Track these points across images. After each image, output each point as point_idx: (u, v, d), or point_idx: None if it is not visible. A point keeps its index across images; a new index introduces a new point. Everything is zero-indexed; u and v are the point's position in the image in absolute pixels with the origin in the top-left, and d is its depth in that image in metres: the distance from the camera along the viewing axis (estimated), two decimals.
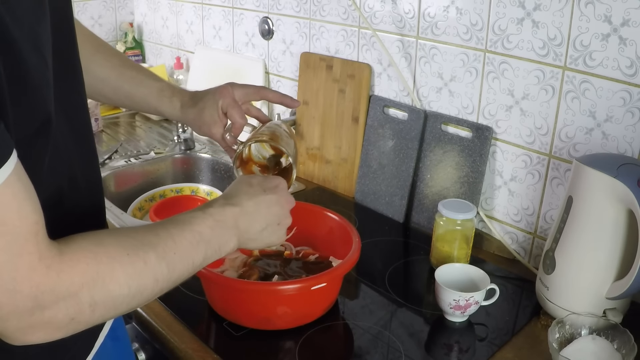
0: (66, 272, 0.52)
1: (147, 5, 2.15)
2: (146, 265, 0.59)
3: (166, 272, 0.61)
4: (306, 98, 1.54)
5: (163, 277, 0.61)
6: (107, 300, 0.55)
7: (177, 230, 0.64)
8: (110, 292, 0.55)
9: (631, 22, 0.95)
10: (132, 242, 0.59)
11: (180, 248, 0.63)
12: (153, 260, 0.59)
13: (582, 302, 0.93)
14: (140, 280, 0.58)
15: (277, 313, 0.93)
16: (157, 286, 0.61)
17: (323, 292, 0.95)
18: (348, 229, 1.04)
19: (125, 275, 0.57)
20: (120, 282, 0.56)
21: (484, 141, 1.19)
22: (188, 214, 0.68)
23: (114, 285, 0.55)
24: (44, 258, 0.50)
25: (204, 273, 0.90)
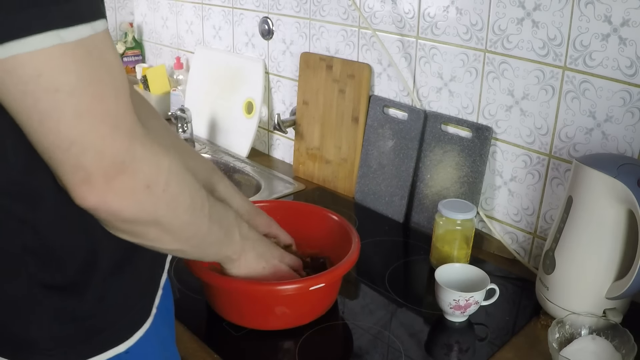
0: (152, 139, 0.57)
1: (147, 5, 2.15)
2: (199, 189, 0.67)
3: (207, 213, 0.68)
4: (306, 98, 1.54)
5: (205, 215, 0.68)
6: (176, 190, 0.60)
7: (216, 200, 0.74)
8: (180, 184, 0.60)
9: (631, 22, 0.95)
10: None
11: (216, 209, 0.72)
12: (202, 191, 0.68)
13: (582, 302, 0.93)
14: (195, 194, 0.65)
15: (275, 313, 0.93)
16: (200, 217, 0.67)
17: (322, 292, 0.95)
18: (347, 229, 1.04)
19: (189, 180, 0.63)
20: (186, 180, 0.62)
21: (484, 141, 1.19)
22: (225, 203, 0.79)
23: (182, 177, 0.61)
24: (133, 111, 0.55)
25: (203, 272, 0.90)
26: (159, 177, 0.57)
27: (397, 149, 1.34)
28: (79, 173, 0.52)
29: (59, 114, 0.49)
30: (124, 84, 0.54)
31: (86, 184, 0.53)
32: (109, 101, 0.52)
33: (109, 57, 0.52)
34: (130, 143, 0.54)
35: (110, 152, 0.52)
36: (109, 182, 0.53)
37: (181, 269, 1.09)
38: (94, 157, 0.52)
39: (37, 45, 0.47)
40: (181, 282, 1.07)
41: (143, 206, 0.57)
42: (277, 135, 1.72)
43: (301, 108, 1.56)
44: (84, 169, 0.52)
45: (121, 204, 0.55)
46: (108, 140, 0.52)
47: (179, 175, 0.61)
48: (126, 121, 0.54)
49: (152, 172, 0.56)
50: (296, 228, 1.06)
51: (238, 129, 1.73)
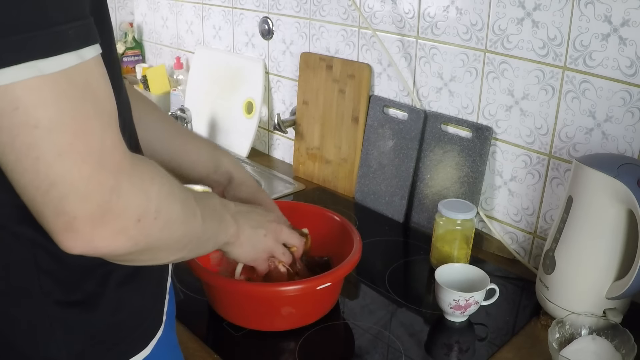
0: (138, 165, 0.54)
1: (147, 5, 2.15)
2: (189, 198, 0.63)
3: (200, 216, 0.65)
4: (306, 98, 1.54)
5: (198, 220, 0.65)
6: (167, 213, 0.56)
7: (200, 194, 0.70)
8: (170, 205, 0.57)
9: (631, 22, 0.95)
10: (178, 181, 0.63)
11: (206, 205, 0.69)
12: (192, 198, 0.64)
13: (582, 302, 0.93)
14: (186, 206, 0.62)
15: (281, 314, 0.93)
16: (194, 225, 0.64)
17: (327, 291, 0.95)
18: (349, 229, 1.04)
19: (179, 196, 0.60)
20: (176, 198, 0.59)
21: (484, 141, 1.19)
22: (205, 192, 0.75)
23: (172, 198, 0.58)
24: (122, 143, 0.52)
25: (206, 275, 0.89)
26: (149, 207, 0.53)
27: (397, 149, 1.34)
28: (61, 218, 0.48)
29: (37, 152, 0.45)
30: (111, 114, 0.51)
31: (70, 230, 0.49)
32: (93, 137, 0.48)
33: (96, 87, 0.49)
34: (116, 180, 0.50)
35: (94, 193, 0.48)
36: (95, 228, 0.49)
37: (181, 270, 1.09)
38: (77, 201, 0.48)
39: (12, 78, 0.43)
40: (181, 282, 1.07)
41: (135, 241, 0.53)
42: (277, 135, 1.72)
43: (301, 108, 1.56)
44: (66, 213, 0.48)
45: (111, 246, 0.52)
46: (92, 181, 0.48)
47: (169, 195, 0.57)
48: (113, 157, 0.50)
49: (142, 204, 0.53)
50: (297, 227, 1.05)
51: (238, 129, 1.73)
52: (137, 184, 0.52)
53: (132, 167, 0.52)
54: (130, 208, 0.51)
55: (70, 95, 0.46)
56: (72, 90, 0.46)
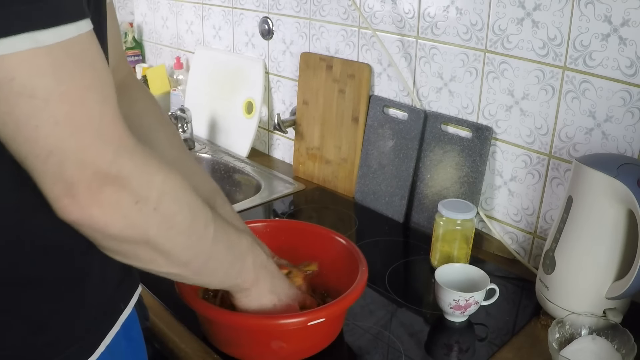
0: (144, 148, 0.53)
1: (147, 5, 2.15)
2: (203, 209, 0.61)
3: (211, 236, 0.63)
4: (306, 98, 1.54)
5: (208, 238, 0.62)
6: (169, 209, 0.55)
7: (226, 221, 0.68)
8: (175, 202, 0.56)
9: (631, 22, 0.95)
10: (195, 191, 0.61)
11: (225, 232, 0.67)
12: (208, 212, 0.62)
13: (582, 302, 0.93)
14: (196, 215, 0.60)
15: (271, 347, 0.85)
16: (201, 241, 0.62)
17: (324, 326, 0.87)
18: (355, 256, 0.95)
19: (188, 199, 0.58)
20: (184, 199, 0.58)
21: (484, 141, 1.19)
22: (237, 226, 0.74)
23: (179, 196, 0.57)
24: (122, 120, 0.51)
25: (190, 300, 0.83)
26: (150, 193, 0.53)
27: (397, 149, 1.34)
28: (60, 184, 0.49)
29: (36, 121, 0.46)
30: (110, 90, 0.51)
31: (68, 196, 0.49)
32: (91, 107, 0.48)
33: (93, 59, 0.49)
34: (116, 155, 0.50)
35: (92, 162, 0.49)
36: (92, 195, 0.49)
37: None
38: (75, 168, 0.48)
39: (9, 49, 0.44)
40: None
41: (131, 222, 0.53)
42: (277, 135, 1.72)
43: (301, 108, 1.56)
44: (64, 180, 0.48)
45: (107, 218, 0.51)
46: (90, 150, 0.49)
47: (176, 194, 0.56)
48: (113, 130, 0.50)
49: (142, 188, 0.52)
50: (300, 249, 1.00)
51: (238, 129, 1.73)
52: (139, 165, 0.52)
53: (135, 148, 0.52)
54: (129, 186, 0.51)
55: (68, 65, 0.47)
56: (69, 61, 0.47)
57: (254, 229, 1.00)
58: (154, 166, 0.54)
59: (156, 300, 1.01)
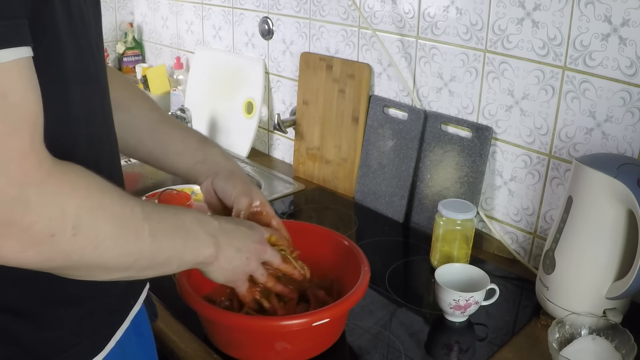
0: (56, 177, 0.49)
1: (147, 5, 2.15)
2: (132, 214, 0.57)
3: (147, 234, 0.58)
4: (306, 98, 1.54)
5: (144, 238, 0.58)
6: (91, 230, 0.52)
7: (163, 208, 0.64)
8: (96, 221, 0.52)
9: (631, 22, 0.95)
10: (122, 192, 0.57)
11: (164, 222, 0.62)
12: (139, 213, 0.57)
13: (582, 302, 0.93)
14: (124, 224, 0.56)
15: (275, 349, 0.86)
16: (137, 244, 0.58)
17: (327, 326, 0.86)
18: (357, 256, 0.95)
19: (113, 212, 0.54)
20: (106, 214, 0.53)
21: (484, 141, 1.19)
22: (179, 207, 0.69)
23: (100, 214, 0.52)
24: (37, 152, 0.48)
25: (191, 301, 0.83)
26: (65, 223, 0.49)
27: (397, 149, 1.34)
28: None
29: None
30: (26, 120, 0.47)
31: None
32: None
33: (8, 91, 0.45)
34: (20, 191, 0.46)
35: (5, 191, 0.45)
36: (0, 236, 0.46)
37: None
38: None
39: None
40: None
41: (50, 255, 0.50)
42: (277, 135, 1.72)
43: (301, 108, 1.56)
44: None
45: (21, 257, 0.48)
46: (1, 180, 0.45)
47: (95, 212, 0.52)
48: (19, 166, 0.46)
49: (55, 219, 0.48)
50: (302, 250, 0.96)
51: (238, 129, 1.73)
52: (49, 196, 0.48)
53: (46, 177, 0.48)
54: (40, 222, 0.48)
55: None
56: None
57: None
58: (67, 192, 0.50)
59: (156, 300, 1.01)
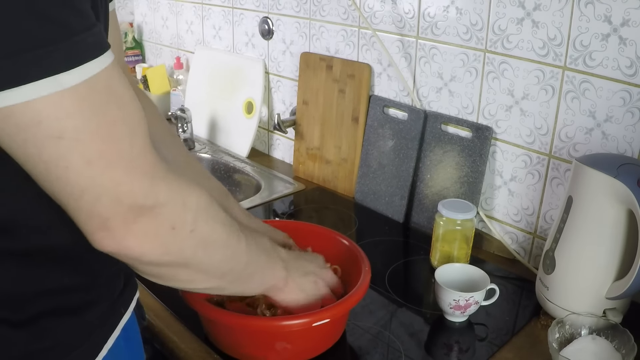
0: (175, 174, 0.53)
1: (147, 5, 2.15)
2: (232, 224, 0.62)
3: (245, 244, 0.63)
4: (306, 98, 1.54)
5: (242, 247, 0.63)
6: (206, 229, 0.56)
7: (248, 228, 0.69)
8: (210, 221, 0.56)
9: (631, 22, 0.95)
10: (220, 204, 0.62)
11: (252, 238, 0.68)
12: (236, 225, 0.63)
13: (582, 302, 0.93)
14: (230, 230, 0.60)
15: (275, 349, 0.85)
16: (237, 251, 0.63)
17: (328, 326, 0.85)
18: (358, 256, 0.95)
19: (221, 216, 0.59)
20: (217, 217, 0.58)
21: (484, 141, 1.19)
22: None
23: (213, 215, 0.57)
24: (154, 151, 0.51)
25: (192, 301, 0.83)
26: (186, 217, 0.53)
27: (397, 149, 1.34)
28: (94, 219, 0.48)
29: (66, 162, 0.46)
30: (139, 119, 0.50)
31: (103, 230, 0.49)
32: (121, 142, 0.48)
33: (119, 91, 0.48)
34: (152, 184, 0.50)
35: (127, 197, 0.49)
36: (128, 226, 0.49)
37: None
38: (109, 204, 0.48)
39: (33, 94, 0.43)
40: None
41: (169, 248, 0.53)
42: (277, 135, 1.72)
43: (301, 108, 1.56)
44: (99, 215, 0.48)
45: (143, 247, 0.51)
46: (124, 185, 0.48)
47: (209, 212, 0.57)
48: (145, 161, 0.50)
49: (177, 212, 0.52)
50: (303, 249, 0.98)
51: (238, 129, 1.73)
52: (174, 190, 0.52)
53: (167, 173, 0.52)
54: (165, 213, 0.51)
55: (94, 103, 0.46)
56: (95, 98, 0.46)
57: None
58: (186, 188, 0.54)
59: (156, 300, 1.01)
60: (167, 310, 0.99)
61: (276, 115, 1.55)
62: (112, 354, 0.67)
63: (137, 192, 0.49)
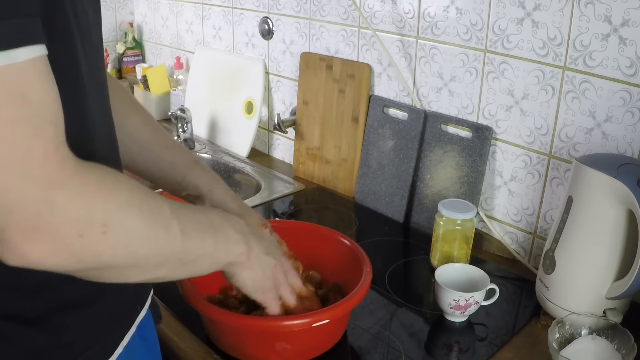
0: (81, 176, 0.48)
1: (147, 5, 2.15)
2: (160, 212, 0.56)
3: (178, 232, 0.58)
4: (306, 98, 1.54)
5: (174, 236, 0.57)
6: (120, 229, 0.51)
7: (189, 206, 0.64)
8: (125, 219, 0.51)
9: (631, 22, 0.95)
10: (148, 190, 0.56)
11: (192, 219, 0.62)
12: (167, 211, 0.57)
13: (582, 302, 0.93)
14: (153, 222, 0.55)
15: (275, 349, 0.85)
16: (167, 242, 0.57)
17: (327, 327, 0.85)
18: (359, 257, 0.95)
19: (141, 209, 0.53)
20: (135, 212, 0.52)
21: (484, 141, 1.19)
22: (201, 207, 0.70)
23: (128, 212, 0.52)
24: (60, 153, 0.47)
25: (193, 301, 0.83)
26: (93, 221, 0.48)
27: (397, 149, 1.34)
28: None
29: None
30: (47, 122, 0.45)
31: (1, 242, 0.45)
32: (15, 145, 0.43)
33: (28, 90, 0.44)
34: (47, 192, 0.45)
35: (18, 206, 0.44)
36: (27, 239, 0.45)
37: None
38: (1, 213, 0.44)
39: None
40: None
41: (81, 256, 0.49)
42: (277, 135, 1.72)
43: (301, 108, 1.56)
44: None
45: (50, 260, 0.47)
46: (14, 193, 0.44)
47: (123, 209, 0.51)
48: (42, 167, 0.45)
49: (82, 219, 0.47)
50: (304, 250, 0.99)
51: (238, 129, 1.73)
52: (75, 196, 0.47)
53: (71, 177, 0.47)
54: (68, 223, 0.47)
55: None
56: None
57: None
58: (92, 190, 0.49)
59: (157, 300, 1.01)
60: (167, 310, 0.99)
61: (276, 115, 1.55)
62: (128, 351, 0.66)
63: (30, 201, 0.44)
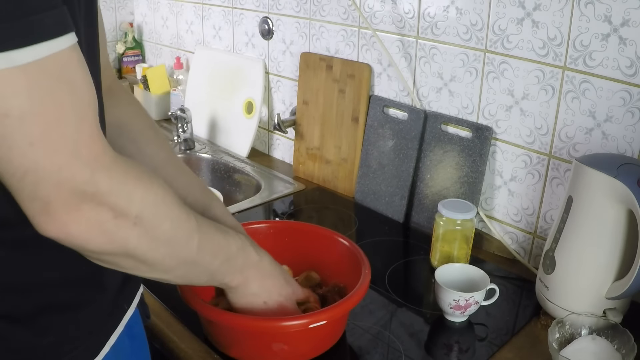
0: (122, 165, 0.53)
1: (147, 5, 2.15)
2: (188, 221, 0.61)
3: (195, 245, 0.63)
4: (306, 98, 1.54)
5: (192, 248, 0.63)
6: (151, 223, 0.55)
7: (215, 226, 0.69)
8: (157, 216, 0.56)
9: (631, 22, 0.95)
10: (179, 198, 0.61)
11: (213, 240, 0.67)
12: (193, 223, 0.62)
13: (582, 302, 0.93)
14: (179, 227, 0.60)
15: (272, 349, 0.85)
16: (185, 251, 0.62)
17: (325, 328, 0.86)
18: (359, 258, 0.95)
19: (172, 212, 0.58)
20: (166, 213, 0.57)
21: (484, 141, 1.19)
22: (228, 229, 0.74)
23: (161, 210, 0.57)
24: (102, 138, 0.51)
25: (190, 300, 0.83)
26: (129, 209, 0.53)
27: (397, 149, 1.34)
28: (36, 202, 0.48)
29: (10, 141, 0.45)
30: (90, 106, 0.50)
31: (44, 214, 0.49)
32: (67, 127, 0.48)
33: (72, 76, 0.48)
34: (93, 174, 0.49)
35: (68, 182, 0.48)
36: (69, 213, 0.49)
37: None
38: (50, 187, 0.48)
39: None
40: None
41: (110, 238, 0.53)
42: (277, 135, 1.72)
43: (301, 108, 1.56)
44: (40, 198, 0.48)
45: (85, 235, 0.51)
46: (66, 170, 0.48)
47: (158, 207, 0.56)
48: (89, 148, 0.49)
49: (120, 204, 0.52)
50: (303, 250, 1.00)
51: (238, 129, 1.73)
52: (117, 180, 0.52)
53: (113, 163, 0.52)
54: (107, 202, 0.51)
55: (43, 84, 0.46)
56: (46, 80, 0.46)
57: (257, 230, 1.01)
58: (133, 181, 0.53)
59: (156, 300, 1.01)
60: (167, 311, 0.99)
61: (276, 115, 1.55)
62: (116, 350, 0.67)
63: (78, 179, 0.49)
